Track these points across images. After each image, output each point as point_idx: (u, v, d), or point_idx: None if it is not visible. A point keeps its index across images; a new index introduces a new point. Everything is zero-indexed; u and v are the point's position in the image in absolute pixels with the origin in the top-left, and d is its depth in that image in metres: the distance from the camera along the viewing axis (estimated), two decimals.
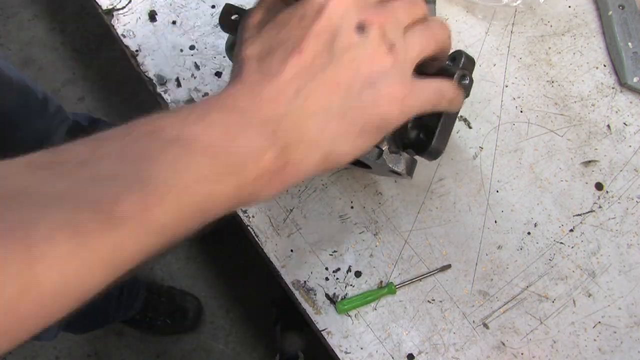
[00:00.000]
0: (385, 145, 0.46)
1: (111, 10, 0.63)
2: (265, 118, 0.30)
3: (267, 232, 0.59)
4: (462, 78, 0.44)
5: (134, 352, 1.40)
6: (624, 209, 0.60)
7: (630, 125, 0.63)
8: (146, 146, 0.26)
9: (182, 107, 0.31)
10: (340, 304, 0.57)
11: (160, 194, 0.25)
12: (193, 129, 0.28)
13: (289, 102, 0.31)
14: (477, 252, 0.59)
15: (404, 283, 0.58)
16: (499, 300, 0.58)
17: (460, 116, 0.62)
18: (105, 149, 0.26)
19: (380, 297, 0.58)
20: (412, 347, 0.57)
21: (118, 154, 0.26)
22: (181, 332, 1.38)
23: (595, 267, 0.59)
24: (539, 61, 0.64)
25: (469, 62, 0.46)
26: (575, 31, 0.66)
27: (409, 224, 0.60)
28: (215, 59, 0.62)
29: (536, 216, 0.60)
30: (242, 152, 0.29)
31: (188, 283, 1.43)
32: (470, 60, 0.46)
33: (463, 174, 0.61)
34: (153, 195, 0.25)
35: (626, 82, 0.62)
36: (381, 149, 0.46)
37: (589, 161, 0.61)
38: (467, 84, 0.44)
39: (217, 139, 0.28)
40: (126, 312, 1.25)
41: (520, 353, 0.57)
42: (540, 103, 0.63)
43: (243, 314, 1.43)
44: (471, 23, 0.65)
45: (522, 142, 0.62)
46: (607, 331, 0.58)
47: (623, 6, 0.64)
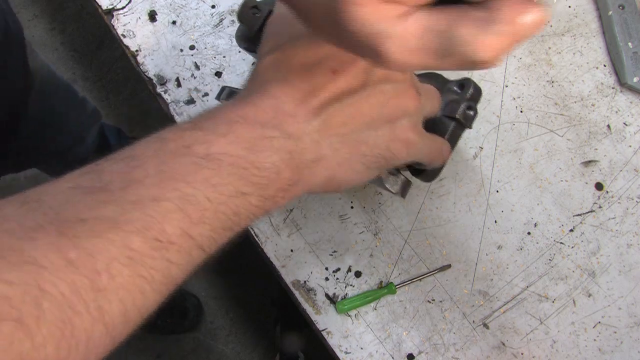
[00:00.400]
0: None
1: (111, 10, 0.63)
2: (286, 134, 0.30)
3: (267, 232, 0.59)
4: (469, 109, 0.45)
5: (134, 352, 1.40)
6: (624, 209, 0.60)
7: (630, 125, 0.63)
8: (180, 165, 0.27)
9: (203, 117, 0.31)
10: (340, 304, 0.57)
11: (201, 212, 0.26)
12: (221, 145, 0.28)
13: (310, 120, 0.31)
14: (477, 252, 0.59)
15: (404, 283, 0.58)
16: (499, 300, 0.58)
17: None
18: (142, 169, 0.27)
19: (380, 297, 0.58)
20: (412, 347, 0.57)
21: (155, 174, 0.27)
22: (181, 332, 1.38)
23: (595, 267, 0.59)
24: (539, 61, 0.64)
25: (476, 92, 0.46)
26: (575, 31, 0.66)
27: (409, 224, 0.60)
28: (215, 59, 0.62)
29: (536, 216, 0.60)
30: (266, 167, 0.29)
31: (188, 283, 1.44)
32: (478, 90, 0.47)
33: (463, 174, 0.61)
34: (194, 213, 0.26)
35: (626, 82, 0.62)
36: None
37: (589, 161, 0.62)
38: (472, 115, 0.45)
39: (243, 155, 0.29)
40: None
41: (520, 353, 0.57)
42: (540, 103, 0.63)
43: (243, 314, 1.43)
44: None
45: (522, 142, 0.62)
46: (607, 331, 0.58)
47: (623, 6, 0.64)
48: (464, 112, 0.45)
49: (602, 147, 0.62)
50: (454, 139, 0.46)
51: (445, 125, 0.45)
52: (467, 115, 0.45)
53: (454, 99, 0.46)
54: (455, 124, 0.45)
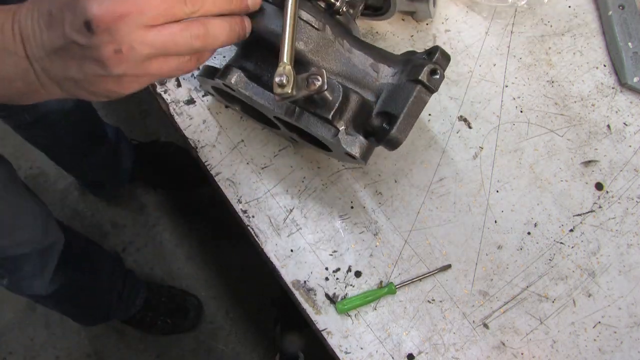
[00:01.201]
0: (342, 126, 0.47)
1: None
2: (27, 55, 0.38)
3: (267, 232, 0.59)
4: (433, 72, 0.45)
5: (134, 352, 1.40)
6: (624, 209, 0.60)
7: (630, 125, 0.63)
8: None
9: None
10: (340, 304, 0.57)
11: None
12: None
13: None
14: (477, 252, 0.59)
15: (404, 283, 0.58)
16: (499, 300, 0.58)
17: (460, 116, 0.62)
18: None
19: (380, 297, 0.58)
20: (412, 347, 0.57)
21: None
22: (181, 332, 1.38)
23: (595, 267, 0.59)
24: (539, 61, 0.64)
25: (443, 58, 0.47)
26: (575, 31, 0.66)
27: (409, 224, 0.60)
28: (215, 58, 0.63)
29: (536, 216, 0.60)
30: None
31: (188, 283, 1.43)
32: (445, 56, 0.47)
33: (463, 174, 0.61)
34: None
35: (626, 82, 0.62)
36: (338, 128, 0.46)
37: (589, 161, 0.61)
38: (438, 78, 0.45)
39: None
40: (127, 310, 1.25)
41: (520, 353, 0.57)
42: (540, 103, 0.63)
43: (243, 314, 1.43)
44: (471, 23, 0.65)
45: (522, 142, 0.62)
46: (607, 331, 0.58)
47: (623, 6, 0.64)
48: (427, 75, 0.44)
49: (602, 147, 0.62)
50: (419, 104, 0.45)
51: (410, 89, 0.45)
52: (432, 78, 0.45)
53: (419, 64, 0.46)
54: (420, 87, 0.45)
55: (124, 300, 1.21)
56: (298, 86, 0.42)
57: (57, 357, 1.40)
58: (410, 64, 0.47)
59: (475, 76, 0.63)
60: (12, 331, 1.41)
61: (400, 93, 0.46)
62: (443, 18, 0.65)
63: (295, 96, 0.42)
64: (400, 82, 0.47)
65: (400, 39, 0.64)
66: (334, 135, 0.47)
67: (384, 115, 0.47)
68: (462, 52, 0.64)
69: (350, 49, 0.48)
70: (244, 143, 0.61)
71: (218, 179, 0.60)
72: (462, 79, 0.63)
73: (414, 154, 0.61)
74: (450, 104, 0.63)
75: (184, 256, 1.46)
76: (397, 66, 0.48)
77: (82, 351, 1.41)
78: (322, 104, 0.46)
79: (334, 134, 0.47)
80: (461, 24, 0.65)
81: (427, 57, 0.47)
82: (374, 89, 0.49)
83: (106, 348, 1.41)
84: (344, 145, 0.46)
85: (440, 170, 0.61)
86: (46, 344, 1.41)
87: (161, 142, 1.42)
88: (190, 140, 0.61)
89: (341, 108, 0.46)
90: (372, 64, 0.49)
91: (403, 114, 0.45)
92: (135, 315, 1.30)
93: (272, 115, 0.50)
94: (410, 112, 0.45)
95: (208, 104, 0.62)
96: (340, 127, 0.47)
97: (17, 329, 1.41)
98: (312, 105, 0.46)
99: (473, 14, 0.66)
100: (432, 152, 0.61)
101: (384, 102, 0.47)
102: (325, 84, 0.42)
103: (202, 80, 0.52)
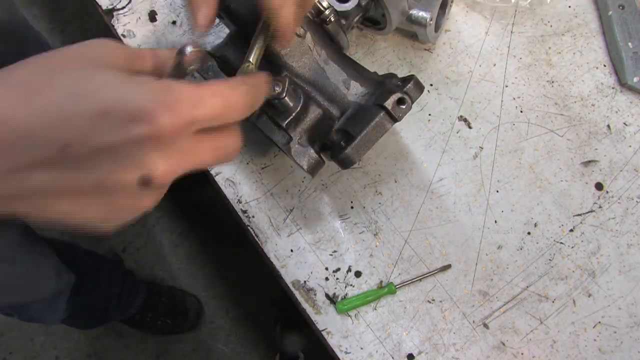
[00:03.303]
0: (297, 136, 0.47)
1: (111, 10, 0.63)
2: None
3: (267, 232, 0.59)
4: (400, 102, 0.44)
5: (134, 352, 1.40)
6: (624, 209, 0.60)
7: (630, 125, 0.63)
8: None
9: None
10: (340, 304, 0.57)
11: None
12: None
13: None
14: (477, 252, 0.59)
15: (404, 283, 0.58)
16: (499, 300, 0.58)
17: (460, 116, 0.62)
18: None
19: (380, 297, 0.58)
20: (412, 347, 0.57)
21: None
22: (181, 332, 1.38)
23: (595, 267, 0.59)
24: (539, 61, 0.64)
25: (415, 88, 0.46)
26: (575, 31, 0.66)
27: (409, 224, 0.60)
28: None
29: (536, 216, 0.60)
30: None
31: (188, 283, 1.43)
32: (419, 87, 0.46)
33: (463, 174, 0.61)
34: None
35: (626, 82, 0.62)
36: (291, 137, 0.46)
37: (589, 161, 0.61)
38: (404, 109, 0.44)
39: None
40: (126, 310, 1.25)
41: (520, 353, 0.57)
42: (540, 103, 0.63)
43: (243, 314, 1.43)
44: (471, 23, 0.65)
45: (522, 142, 0.62)
46: (607, 331, 0.58)
47: (623, 6, 0.64)
48: (393, 103, 0.44)
49: (602, 147, 0.62)
50: (379, 130, 0.45)
51: (373, 114, 0.45)
52: (398, 107, 0.44)
53: (389, 90, 0.45)
54: (383, 114, 0.45)
55: (123, 301, 1.21)
56: None
57: (57, 357, 1.40)
58: (382, 88, 0.47)
59: (475, 76, 0.63)
60: (12, 331, 1.41)
61: (364, 115, 0.46)
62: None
63: None
64: (367, 103, 0.47)
65: (400, 39, 0.64)
66: (285, 144, 0.47)
67: (343, 132, 0.47)
68: (462, 52, 0.64)
69: (326, 61, 0.48)
70: (244, 143, 0.61)
71: (218, 179, 0.60)
72: (462, 79, 0.63)
73: (414, 154, 0.61)
74: (450, 104, 0.63)
75: (184, 256, 1.46)
76: (370, 87, 0.48)
77: (82, 351, 1.41)
78: (281, 111, 0.46)
79: (286, 141, 0.47)
80: (461, 24, 0.65)
81: (401, 83, 0.46)
82: (341, 105, 0.48)
83: (106, 348, 1.41)
84: (293, 155, 0.47)
85: (440, 170, 0.61)
86: (46, 344, 1.41)
87: None
88: None
89: (298, 118, 0.46)
90: (345, 80, 0.48)
91: (360, 137, 0.45)
92: (135, 316, 1.30)
93: None
94: (368, 136, 0.45)
95: None
96: (294, 136, 0.47)
97: (17, 329, 1.41)
98: (271, 109, 0.46)
99: (473, 14, 0.66)
100: (432, 152, 0.61)
101: (347, 120, 0.47)
102: (284, 92, 0.42)
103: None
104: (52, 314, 0.93)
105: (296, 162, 0.47)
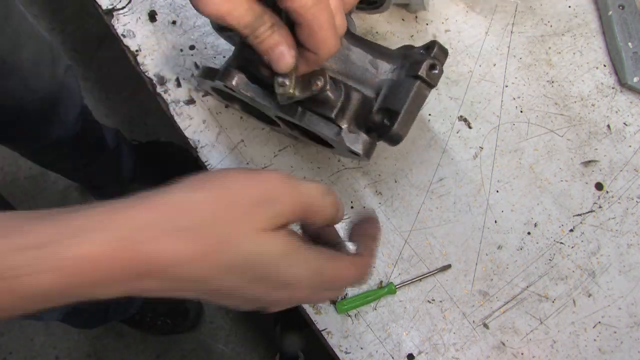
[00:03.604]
0: (345, 124, 0.47)
1: (111, 10, 0.63)
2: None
3: None
4: (432, 67, 0.45)
5: (134, 352, 1.40)
6: (624, 209, 0.60)
7: (630, 125, 0.63)
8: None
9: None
10: (340, 304, 0.57)
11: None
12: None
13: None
14: (477, 252, 0.59)
15: (404, 283, 0.58)
16: (499, 300, 0.58)
17: (460, 116, 0.62)
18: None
19: (380, 297, 0.58)
20: (412, 347, 0.57)
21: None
22: (181, 332, 1.38)
23: (595, 267, 0.59)
24: (539, 61, 0.64)
25: (441, 52, 0.47)
26: (575, 31, 0.66)
27: (409, 224, 0.60)
28: (215, 58, 0.62)
29: (536, 216, 0.60)
30: None
31: None
32: (443, 51, 0.47)
33: (463, 174, 0.61)
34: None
35: (626, 82, 0.63)
36: (341, 127, 0.47)
37: (589, 161, 0.62)
38: (437, 73, 0.45)
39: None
40: (126, 310, 1.25)
41: (520, 353, 0.57)
42: (540, 103, 0.63)
43: (243, 314, 1.43)
44: (471, 23, 0.65)
45: (522, 142, 0.62)
46: (607, 331, 0.58)
47: (623, 6, 0.64)
48: (426, 70, 0.45)
49: (602, 147, 0.62)
50: (420, 99, 0.45)
51: (410, 85, 0.45)
52: (431, 73, 0.45)
53: (417, 60, 0.46)
54: (419, 83, 0.45)
55: (123, 301, 1.21)
56: (300, 86, 0.42)
57: (57, 357, 1.40)
58: (408, 60, 0.47)
59: (475, 76, 0.64)
60: (12, 331, 1.41)
61: (400, 89, 0.46)
62: (443, 18, 0.65)
63: (298, 96, 0.42)
64: (399, 77, 0.47)
65: (400, 39, 0.64)
66: (337, 134, 0.47)
67: (384, 111, 0.47)
68: (462, 52, 0.64)
69: (348, 47, 0.49)
70: (244, 143, 0.61)
71: None
72: (462, 79, 0.63)
73: (414, 154, 0.61)
74: (450, 104, 0.63)
75: None
76: (395, 62, 0.49)
77: (82, 351, 1.41)
78: (325, 103, 0.46)
79: (336, 132, 0.47)
80: (461, 24, 0.65)
81: (425, 51, 0.47)
82: (374, 86, 0.49)
83: (106, 348, 1.41)
84: (347, 143, 0.46)
85: (440, 170, 0.61)
86: (46, 344, 1.41)
87: (161, 142, 1.42)
88: (190, 140, 0.61)
89: (343, 106, 0.46)
90: (371, 61, 0.49)
91: (404, 110, 0.45)
92: (135, 316, 1.30)
93: (274, 114, 0.50)
94: (411, 108, 0.45)
95: (208, 104, 0.62)
96: (342, 125, 0.47)
97: (17, 329, 1.41)
98: (315, 104, 0.46)
99: (473, 14, 0.66)
100: (432, 152, 0.61)
101: (385, 98, 0.48)
102: (327, 84, 0.42)
103: (201, 82, 0.52)
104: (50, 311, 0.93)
105: (352, 150, 0.47)
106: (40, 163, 1.12)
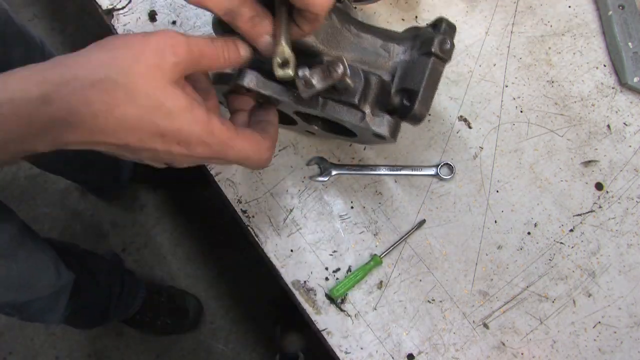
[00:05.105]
0: (368, 109, 0.47)
1: (111, 10, 0.63)
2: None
3: (267, 232, 0.59)
4: (443, 43, 0.46)
5: (134, 352, 1.40)
6: (624, 209, 0.60)
7: (630, 125, 0.63)
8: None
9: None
10: (334, 290, 0.57)
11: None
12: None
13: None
14: (477, 252, 0.59)
15: (387, 250, 0.58)
16: (499, 300, 0.58)
17: (460, 116, 0.62)
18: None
19: (369, 272, 0.57)
20: (412, 347, 0.57)
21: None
22: (181, 332, 1.38)
23: (595, 267, 0.59)
24: (539, 61, 0.64)
25: (449, 28, 0.48)
26: (575, 31, 0.66)
27: (409, 224, 0.60)
28: None
29: (536, 216, 0.60)
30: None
31: (188, 283, 1.43)
32: (451, 26, 0.48)
33: (463, 174, 0.61)
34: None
35: (626, 82, 0.63)
36: (364, 112, 0.47)
37: (589, 161, 0.62)
38: (449, 48, 0.46)
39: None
40: (126, 310, 1.25)
41: (520, 353, 0.57)
42: (540, 103, 0.63)
43: (243, 314, 1.43)
44: (471, 23, 0.65)
45: (522, 142, 0.62)
46: (607, 331, 0.58)
47: (623, 6, 0.64)
48: (439, 46, 0.45)
49: (602, 147, 0.62)
50: (435, 75, 0.46)
51: (424, 63, 0.46)
52: (444, 48, 0.46)
53: (428, 38, 0.46)
54: (433, 59, 0.46)
55: (123, 301, 1.21)
56: (321, 76, 0.43)
57: (57, 357, 1.40)
58: (418, 39, 0.48)
59: (475, 76, 0.64)
60: (12, 331, 1.41)
61: (415, 68, 0.47)
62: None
63: (319, 88, 0.43)
64: (412, 58, 0.48)
65: None
66: (361, 119, 0.47)
67: (402, 92, 0.48)
68: (462, 52, 0.64)
69: (358, 34, 0.49)
70: None
71: (218, 179, 0.60)
72: (462, 79, 0.63)
73: (414, 154, 0.61)
74: (450, 104, 0.63)
75: (184, 256, 1.46)
76: (405, 43, 0.49)
77: (82, 351, 1.41)
78: (345, 91, 0.46)
79: (361, 118, 0.47)
80: (461, 24, 0.65)
81: (433, 29, 0.48)
82: (388, 69, 0.49)
83: (106, 348, 1.41)
84: (373, 127, 0.47)
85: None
86: (46, 344, 1.41)
87: None
88: None
89: (364, 91, 0.47)
90: (382, 45, 0.49)
91: (422, 88, 0.46)
92: (135, 316, 1.30)
93: (293, 110, 0.50)
94: (428, 85, 0.46)
95: None
96: (366, 110, 0.47)
97: (17, 329, 1.41)
98: (336, 93, 0.47)
99: (473, 14, 0.66)
100: (432, 152, 0.61)
101: (401, 79, 0.48)
102: (347, 70, 0.43)
103: (216, 88, 0.52)
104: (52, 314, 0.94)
105: (377, 134, 0.47)
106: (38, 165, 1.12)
